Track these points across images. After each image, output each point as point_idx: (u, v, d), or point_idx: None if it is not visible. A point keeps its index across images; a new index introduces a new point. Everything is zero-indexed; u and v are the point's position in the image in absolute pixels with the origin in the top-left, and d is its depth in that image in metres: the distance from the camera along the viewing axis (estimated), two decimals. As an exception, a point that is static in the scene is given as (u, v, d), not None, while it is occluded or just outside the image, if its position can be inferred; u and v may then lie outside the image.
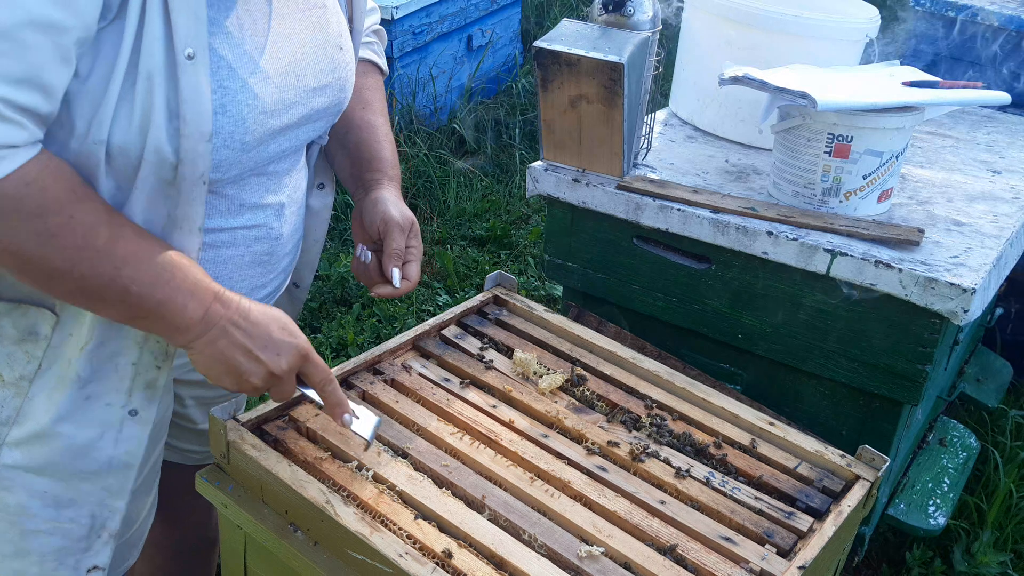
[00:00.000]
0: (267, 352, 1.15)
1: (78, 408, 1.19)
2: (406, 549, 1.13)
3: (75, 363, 1.17)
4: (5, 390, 1.17)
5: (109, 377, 1.20)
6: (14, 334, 1.16)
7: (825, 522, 1.25)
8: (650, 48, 1.71)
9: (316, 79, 1.24)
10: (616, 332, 1.71)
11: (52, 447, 1.20)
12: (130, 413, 1.23)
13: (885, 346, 1.60)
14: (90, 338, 1.17)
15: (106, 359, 1.19)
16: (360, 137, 1.42)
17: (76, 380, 1.18)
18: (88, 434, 1.21)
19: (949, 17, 2.73)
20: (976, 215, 1.77)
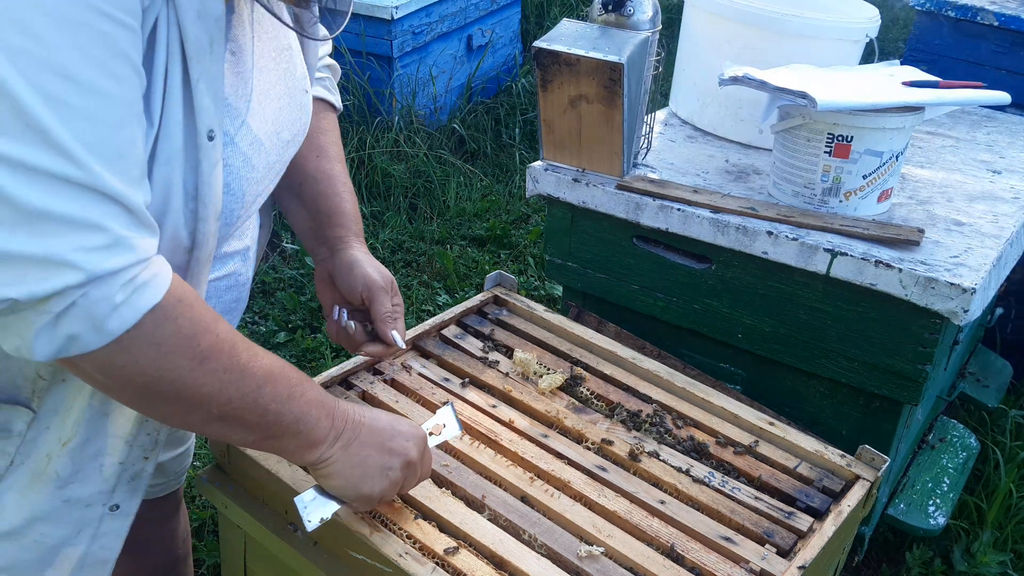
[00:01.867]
0: (397, 441, 1.12)
1: (55, 509, 1.09)
2: (406, 549, 1.13)
3: (55, 460, 1.07)
4: None
5: (92, 478, 1.10)
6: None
7: (825, 522, 1.25)
8: (650, 48, 1.71)
9: (289, 131, 1.18)
10: (616, 332, 1.71)
11: (22, 545, 1.09)
12: (111, 509, 1.14)
13: (885, 346, 1.60)
14: (73, 435, 1.06)
15: (90, 458, 1.09)
16: (317, 190, 1.33)
17: (55, 479, 1.07)
18: (62, 533, 1.11)
19: (949, 17, 2.73)
20: (976, 215, 1.77)
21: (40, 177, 0.80)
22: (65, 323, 0.85)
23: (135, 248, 0.87)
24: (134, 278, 0.87)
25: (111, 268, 0.84)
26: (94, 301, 0.84)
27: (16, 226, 0.81)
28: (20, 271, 0.82)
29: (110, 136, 0.84)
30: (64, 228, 0.82)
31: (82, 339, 0.86)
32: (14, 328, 0.86)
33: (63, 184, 0.81)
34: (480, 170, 4.15)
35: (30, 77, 0.79)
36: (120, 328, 0.87)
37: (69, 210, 0.82)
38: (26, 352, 0.87)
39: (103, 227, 0.84)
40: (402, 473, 1.12)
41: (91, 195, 0.83)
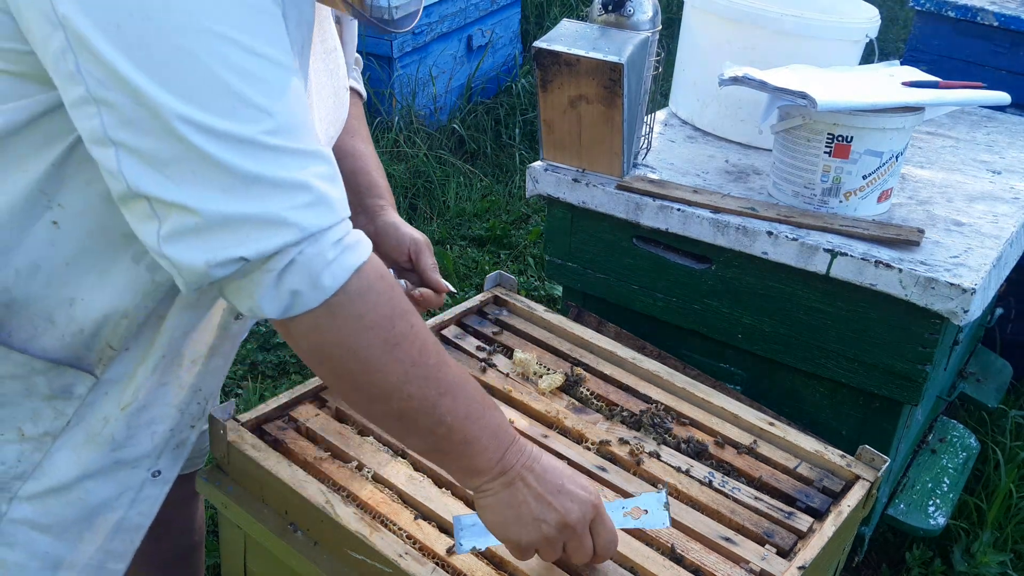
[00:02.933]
0: (560, 498, 1.07)
1: (105, 468, 1.16)
2: (406, 549, 1.13)
3: (112, 423, 1.14)
4: (24, 444, 1.12)
5: (143, 443, 1.17)
6: (46, 391, 1.10)
7: (825, 522, 1.25)
8: (650, 48, 1.71)
9: (334, 127, 1.25)
10: (616, 332, 1.71)
11: (68, 501, 1.15)
12: (153, 474, 1.21)
13: (885, 346, 1.60)
14: (132, 400, 1.13)
15: (144, 424, 1.16)
16: (355, 165, 1.40)
17: (110, 441, 1.14)
18: (106, 492, 1.17)
19: (949, 17, 2.73)
20: (976, 215, 1.77)
21: (247, 145, 0.87)
22: (287, 279, 0.91)
23: (335, 205, 0.93)
24: (342, 238, 0.93)
25: (321, 225, 0.91)
26: (310, 257, 0.91)
27: (233, 191, 0.88)
28: (243, 233, 0.88)
29: (297, 102, 0.92)
30: (275, 190, 0.89)
31: (303, 295, 0.92)
32: (246, 290, 0.93)
33: (268, 151, 0.89)
34: (480, 170, 4.15)
35: (227, 57, 0.86)
36: (333, 284, 0.93)
37: (277, 172, 0.89)
38: (257, 311, 0.94)
39: (308, 186, 0.91)
40: (557, 533, 1.07)
41: (292, 157, 0.90)
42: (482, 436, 1.04)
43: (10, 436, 1.11)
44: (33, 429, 1.11)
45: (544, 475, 1.07)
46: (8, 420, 1.10)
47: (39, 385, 1.09)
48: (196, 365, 1.18)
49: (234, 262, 0.89)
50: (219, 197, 0.87)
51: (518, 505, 1.06)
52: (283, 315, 0.93)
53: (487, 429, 1.05)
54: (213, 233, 0.88)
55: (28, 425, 1.11)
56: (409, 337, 0.98)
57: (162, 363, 1.13)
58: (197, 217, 0.88)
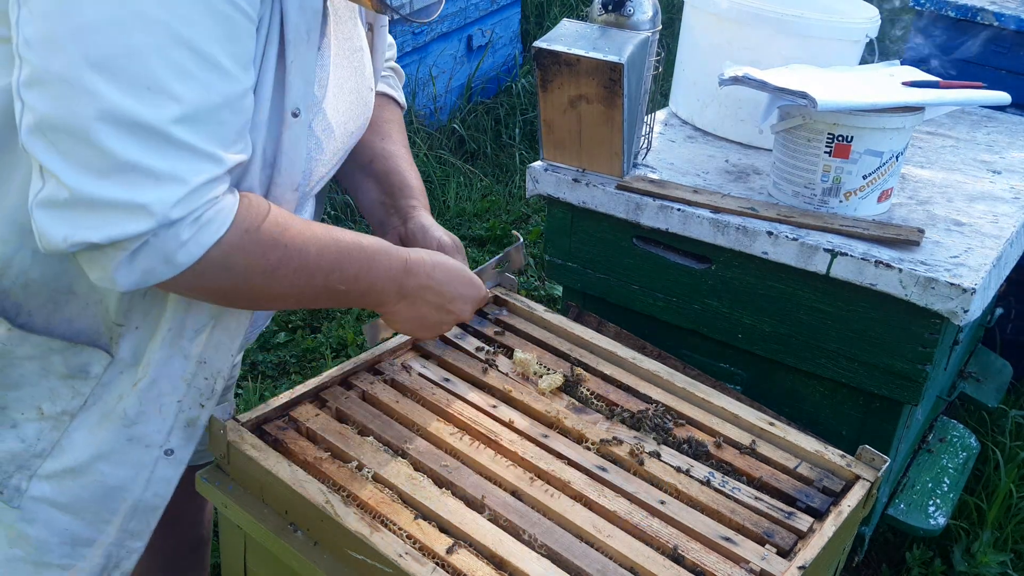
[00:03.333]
0: (455, 304, 1.30)
1: (119, 446, 1.19)
2: (406, 549, 1.13)
3: (125, 400, 1.18)
4: (43, 423, 1.16)
5: (153, 418, 1.20)
6: (63, 371, 1.15)
7: (825, 522, 1.25)
8: (650, 48, 1.71)
9: (355, 123, 1.30)
10: (616, 332, 1.71)
11: (83, 483, 1.19)
12: (166, 453, 1.23)
13: (885, 346, 1.60)
14: (143, 376, 1.18)
15: (153, 398, 1.19)
16: (388, 166, 1.47)
17: (123, 418, 1.18)
18: (122, 475, 1.21)
19: (949, 17, 2.73)
20: (976, 215, 1.77)
21: (143, 131, 0.90)
22: (140, 260, 0.95)
23: (205, 197, 0.97)
24: (199, 217, 0.97)
25: (180, 216, 0.94)
26: (163, 240, 0.95)
27: (107, 175, 0.91)
28: (104, 216, 0.92)
29: (217, 105, 0.96)
30: (148, 179, 0.92)
31: (157, 271, 0.97)
32: (98, 262, 0.97)
33: (162, 140, 0.92)
34: (480, 170, 4.15)
35: (162, 46, 0.90)
36: (188, 261, 0.97)
37: (158, 163, 0.92)
38: (109, 283, 0.98)
39: (184, 181, 0.94)
40: (450, 327, 1.34)
41: (182, 151, 0.93)
42: (376, 281, 1.19)
43: (30, 415, 1.15)
44: (51, 408, 1.16)
45: (440, 288, 1.27)
46: (27, 399, 1.15)
47: (56, 364, 1.14)
48: (199, 335, 1.20)
49: (88, 244, 0.94)
50: (93, 178, 0.91)
51: (421, 318, 1.28)
52: (137, 287, 0.98)
53: (379, 275, 1.19)
54: (78, 211, 0.92)
55: (47, 404, 1.15)
56: (286, 257, 1.06)
57: (170, 336, 1.18)
58: (67, 192, 0.92)
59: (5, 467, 1.17)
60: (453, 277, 1.29)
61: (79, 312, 1.13)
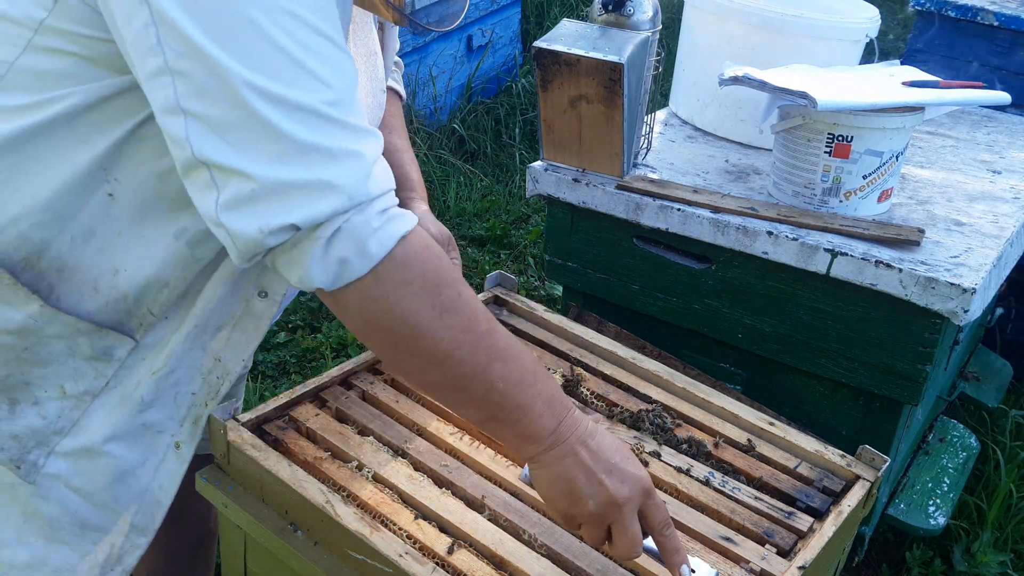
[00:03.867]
0: (611, 478, 1.06)
1: (132, 431, 1.22)
2: (406, 549, 1.13)
3: (142, 386, 1.20)
4: (64, 402, 1.18)
5: (167, 405, 1.23)
6: (88, 352, 1.17)
7: (825, 522, 1.25)
8: (650, 48, 1.71)
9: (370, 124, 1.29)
10: (616, 332, 1.71)
11: (97, 465, 1.21)
12: (175, 445, 1.26)
13: (885, 346, 1.60)
14: (164, 366, 1.20)
15: (169, 387, 1.22)
16: (390, 159, 1.46)
17: (139, 402, 1.21)
18: (132, 459, 1.23)
19: (949, 17, 2.73)
20: (976, 215, 1.77)
21: (308, 115, 0.93)
22: (335, 247, 0.95)
23: (382, 178, 0.98)
24: (387, 208, 0.98)
25: (369, 194, 0.96)
26: (356, 225, 0.95)
27: (289, 158, 0.93)
28: (295, 199, 0.93)
29: (351, 81, 0.98)
30: (329, 159, 0.94)
31: (350, 263, 0.96)
32: (296, 260, 0.97)
33: (326, 121, 0.94)
34: (480, 170, 4.15)
35: (292, 31, 0.92)
36: (379, 251, 0.96)
37: (332, 142, 0.94)
38: (307, 280, 0.98)
39: (360, 156, 0.96)
40: (600, 509, 1.05)
41: (346, 129, 0.96)
42: (535, 403, 1.04)
43: (53, 393, 1.18)
44: (74, 388, 1.18)
45: (598, 452, 1.07)
46: (52, 377, 1.17)
47: (82, 346, 1.16)
48: (220, 331, 1.22)
49: (286, 229, 0.93)
50: (275, 164, 0.92)
51: (568, 479, 1.06)
52: (333, 285, 0.97)
53: (540, 396, 1.05)
54: (267, 200, 0.93)
55: (70, 383, 1.18)
56: (457, 304, 1.00)
57: (194, 331, 1.20)
58: (253, 183, 0.92)
59: (24, 442, 1.19)
60: (616, 446, 1.09)
61: (100, 307, 1.16)
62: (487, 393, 1.03)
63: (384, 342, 1.02)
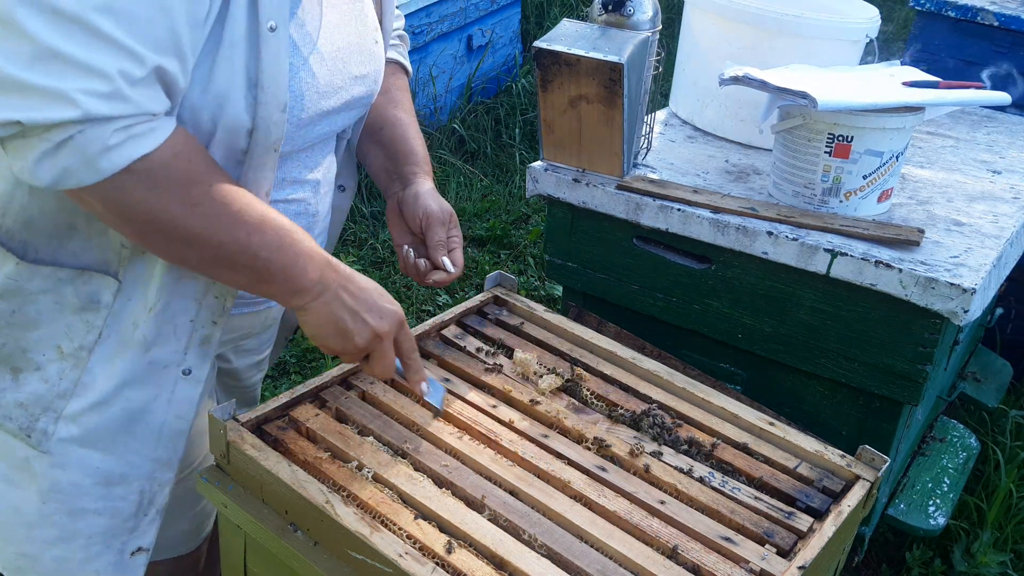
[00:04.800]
0: (372, 315, 1.22)
1: (141, 371, 1.22)
2: (406, 549, 1.13)
3: (141, 326, 1.20)
4: (64, 362, 1.19)
5: (168, 338, 1.23)
6: (75, 303, 1.18)
7: (825, 522, 1.25)
8: (650, 48, 1.71)
9: (358, 68, 1.30)
10: (616, 332, 1.71)
11: (109, 414, 1.22)
12: (184, 373, 1.26)
13: (885, 346, 1.60)
14: (157, 301, 1.20)
15: (167, 320, 1.22)
16: (395, 133, 1.49)
17: (142, 343, 1.21)
18: (144, 396, 1.24)
19: (949, 17, 2.73)
20: (976, 215, 1.77)
21: (65, 20, 0.93)
22: (62, 155, 0.97)
23: (134, 102, 0.98)
24: (130, 127, 0.99)
25: (107, 113, 0.97)
26: (88, 140, 0.97)
27: (33, 60, 0.93)
28: (29, 99, 0.94)
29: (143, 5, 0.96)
30: (74, 69, 0.94)
31: (76, 173, 0.99)
32: (21, 151, 0.99)
33: (84, 31, 0.93)
34: (480, 170, 4.15)
35: None
36: (110, 169, 0.99)
37: (82, 55, 0.94)
38: (29, 176, 1.00)
39: (108, 76, 0.95)
40: (366, 343, 1.22)
41: (107, 47, 0.95)
42: (297, 260, 1.15)
43: (51, 355, 1.19)
44: (69, 345, 1.19)
45: (358, 293, 1.21)
46: (47, 339, 1.19)
47: (68, 296, 1.17)
48: None
49: (11, 124, 0.95)
50: (18, 62, 0.93)
51: (335, 321, 1.20)
52: (54, 185, 1.00)
53: (300, 254, 1.15)
54: (5, 94, 0.94)
55: (65, 342, 1.19)
56: (209, 195, 1.07)
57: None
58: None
59: (31, 409, 1.20)
60: (372, 287, 1.24)
61: (82, 246, 1.16)
62: (253, 261, 1.12)
63: (135, 232, 1.09)
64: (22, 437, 1.21)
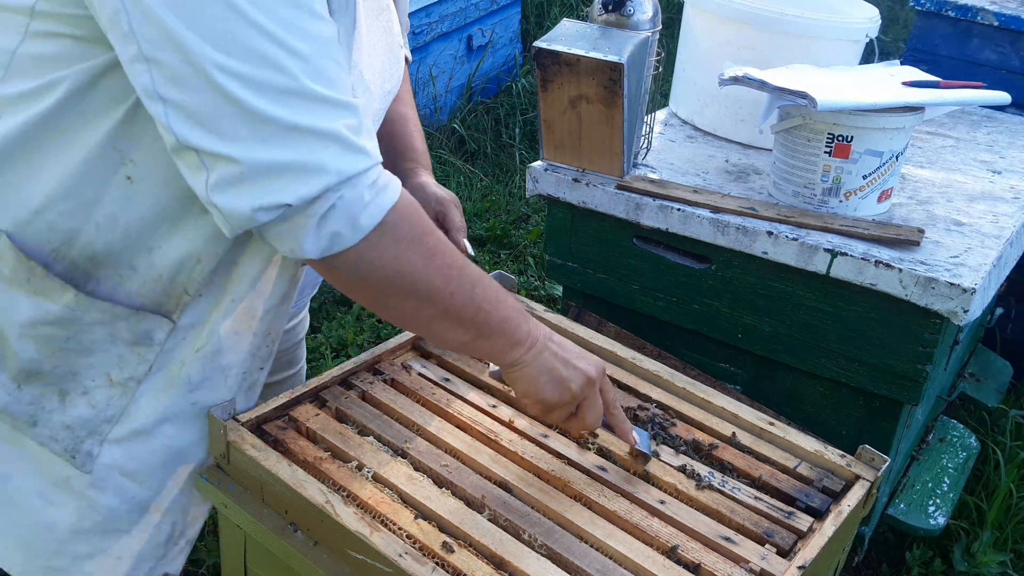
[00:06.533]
0: (582, 361, 1.23)
1: (183, 412, 1.24)
2: (406, 549, 1.13)
3: (188, 366, 1.22)
4: (112, 390, 1.20)
5: (218, 387, 1.26)
6: (128, 337, 1.18)
7: (825, 522, 1.25)
8: (650, 48, 1.71)
9: (389, 83, 1.34)
10: (616, 332, 1.71)
11: (151, 447, 1.24)
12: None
13: (885, 346, 1.60)
14: (207, 342, 1.21)
15: (218, 370, 1.24)
16: (394, 129, 1.49)
17: (186, 383, 1.22)
18: (186, 438, 1.26)
19: (949, 17, 2.73)
20: (976, 215, 1.77)
21: (283, 94, 0.95)
22: (328, 223, 1.00)
23: (367, 151, 1.01)
24: (376, 180, 1.02)
25: (358, 169, 0.99)
26: (349, 202, 0.99)
27: (271, 140, 0.95)
28: (285, 179, 0.96)
29: (332, 53, 0.99)
30: (311, 137, 0.96)
31: (343, 236, 1.01)
32: (289, 234, 1.01)
33: (305, 99, 0.96)
34: (480, 170, 4.15)
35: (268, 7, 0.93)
36: (370, 224, 1.02)
37: (312, 122, 0.96)
38: (299, 253, 1.02)
39: (339, 135, 0.98)
40: (580, 391, 1.22)
41: (326, 106, 0.97)
42: (513, 313, 1.18)
43: (100, 382, 1.20)
44: (119, 374, 1.20)
45: (563, 343, 1.24)
46: (98, 366, 1.19)
47: (121, 331, 1.18)
48: (269, 314, 1.26)
49: (278, 208, 0.97)
50: (259, 147, 0.94)
51: (549, 370, 1.21)
52: (323, 255, 1.02)
53: (514, 308, 1.18)
54: (257, 181, 0.96)
55: (115, 371, 1.20)
56: (440, 246, 1.10)
57: (234, 308, 1.21)
58: (240, 167, 0.95)
59: (77, 432, 1.21)
60: (566, 340, 1.26)
61: (139, 288, 1.17)
62: (476, 314, 1.14)
63: (378, 295, 1.10)
64: (66, 458, 1.21)
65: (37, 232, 1.12)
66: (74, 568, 1.26)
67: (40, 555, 1.25)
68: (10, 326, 1.16)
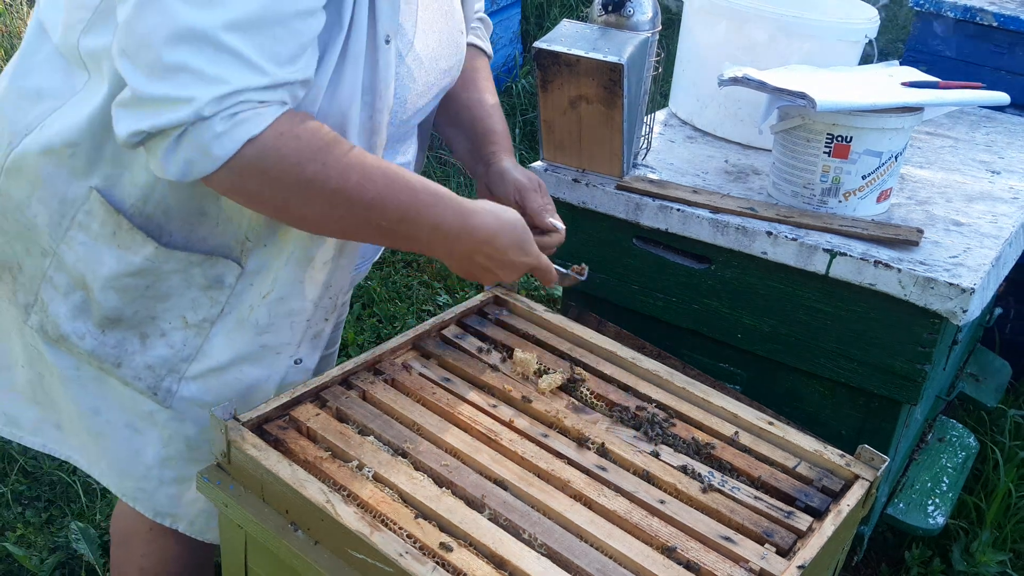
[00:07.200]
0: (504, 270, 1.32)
1: (253, 352, 1.36)
2: (406, 548, 1.13)
3: (256, 310, 1.33)
4: (188, 331, 1.32)
5: (283, 331, 1.36)
6: (202, 282, 1.30)
7: (824, 521, 1.25)
8: (650, 48, 1.72)
9: (447, 62, 1.39)
10: (616, 332, 1.71)
11: (225, 380, 1.36)
12: (295, 361, 1.41)
13: (884, 346, 1.61)
14: (272, 289, 1.32)
15: (283, 315, 1.35)
16: (473, 115, 1.55)
17: (255, 326, 1.34)
18: (257, 374, 1.38)
19: (949, 17, 2.73)
20: (975, 215, 1.77)
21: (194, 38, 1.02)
22: (182, 148, 1.07)
23: (244, 98, 1.06)
24: (235, 114, 1.06)
25: (213, 111, 1.05)
26: (199, 130, 1.06)
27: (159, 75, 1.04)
28: (154, 109, 1.05)
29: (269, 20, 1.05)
30: (197, 80, 1.03)
31: (197, 163, 1.08)
32: (150, 151, 1.10)
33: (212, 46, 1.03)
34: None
35: None
36: (223, 154, 1.07)
37: (207, 67, 1.03)
38: (161, 172, 1.11)
39: (228, 82, 1.04)
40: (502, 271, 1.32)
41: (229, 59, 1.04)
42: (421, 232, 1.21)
43: (176, 324, 1.32)
44: (194, 316, 1.32)
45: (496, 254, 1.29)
46: (174, 310, 1.31)
47: (196, 276, 1.30)
48: (327, 265, 1.35)
49: (140, 133, 1.07)
50: (149, 81, 1.04)
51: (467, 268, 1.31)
52: (182, 177, 1.10)
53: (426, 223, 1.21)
54: (138, 108, 1.06)
55: (190, 313, 1.32)
56: (321, 174, 1.13)
57: (293, 258, 1.31)
58: (131, 93, 1.07)
59: (158, 371, 1.34)
60: (513, 242, 1.31)
61: (211, 231, 1.27)
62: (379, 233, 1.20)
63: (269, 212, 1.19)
64: (149, 394, 1.34)
65: (122, 187, 1.23)
66: (160, 491, 1.41)
67: (131, 477, 1.40)
68: (95, 279, 1.28)
